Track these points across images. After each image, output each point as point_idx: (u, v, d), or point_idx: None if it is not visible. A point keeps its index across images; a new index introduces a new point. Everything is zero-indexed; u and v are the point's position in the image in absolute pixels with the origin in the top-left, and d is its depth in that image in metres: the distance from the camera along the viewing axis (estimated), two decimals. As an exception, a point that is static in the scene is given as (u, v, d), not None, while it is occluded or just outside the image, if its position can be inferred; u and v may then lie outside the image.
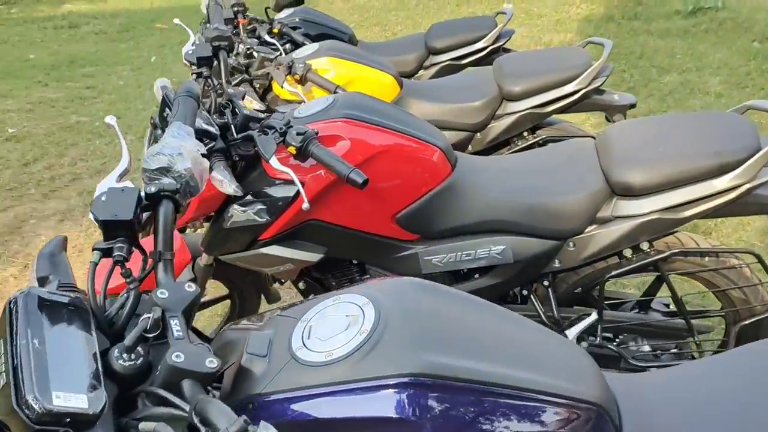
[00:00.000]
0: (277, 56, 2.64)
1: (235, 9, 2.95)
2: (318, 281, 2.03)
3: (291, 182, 1.71)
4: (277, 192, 1.78)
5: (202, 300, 2.33)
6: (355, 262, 1.99)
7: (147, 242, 1.02)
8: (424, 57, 3.65)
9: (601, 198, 1.82)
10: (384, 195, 1.83)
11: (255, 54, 2.71)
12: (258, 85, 2.74)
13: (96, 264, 0.91)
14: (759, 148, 1.72)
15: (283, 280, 2.15)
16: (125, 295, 0.92)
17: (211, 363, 0.83)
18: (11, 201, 4.13)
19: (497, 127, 2.79)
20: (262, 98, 2.83)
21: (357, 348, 0.88)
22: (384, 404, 0.84)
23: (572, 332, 1.92)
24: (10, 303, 0.83)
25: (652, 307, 2.05)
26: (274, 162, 1.67)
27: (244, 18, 2.97)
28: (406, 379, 0.84)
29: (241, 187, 1.75)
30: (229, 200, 1.82)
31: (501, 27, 3.58)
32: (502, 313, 1.04)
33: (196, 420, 0.76)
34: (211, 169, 1.71)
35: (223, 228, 1.84)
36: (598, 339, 1.92)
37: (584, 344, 1.94)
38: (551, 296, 1.95)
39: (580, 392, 0.93)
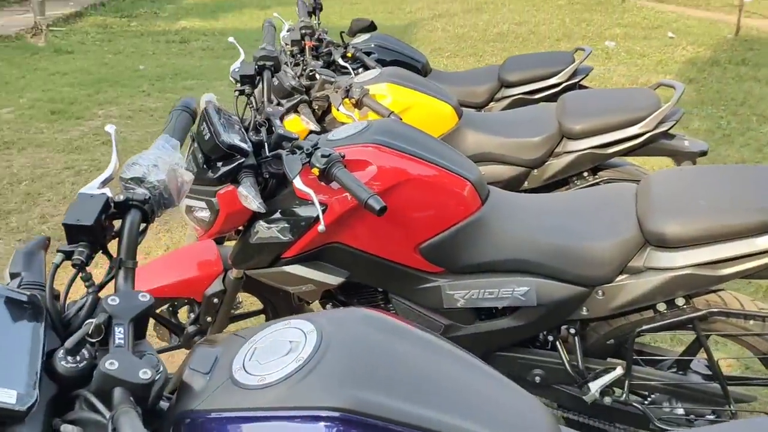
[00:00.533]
0: (338, 79, 2.67)
1: (303, 31, 3.02)
2: (343, 305, 2.02)
3: (322, 204, 1.72)
4: (301, 212, 1.79)
5: (237, 313, 2.36)
6: (380, 289, 1.97)
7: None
8: (496, 89, 3.60)
9: (634, 246, 1.75)
10: (408, 224, 1.80)
11: (317, 76, 2.76)
12: (317, 107, 2.79)
13: (57, 265, 0.93)
14: None
15: (308, 301, 2.15)
16: (85, 298, 0.94)
17: (145, 374, 0.83)
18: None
19: (555, 165, 2.70)
20: (321, 120, 2.87)
21: (289, 375, 0.86)
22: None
23: (595, 385, 1.84)
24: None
25: (691, 367, 1.92)
26: (297, 182, 1.69)
27: (311, 40, 3.03)
28: (331, 413, 0.81)
29: (266, 205, 1.77)
30: (257, 216, 1.85)
31: (578, 63, 3.49)
32: (456, 355, 0.99)
33: (109, 429, 0.76)
34: (238, 183, 1.74)
35: (249, 243, 1.87)
36: (624, 395, 1.83)
37: (608, 399, 1.85)
38: (578, 345, 1.87)
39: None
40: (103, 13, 13.23)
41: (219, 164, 1.78)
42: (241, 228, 1.93)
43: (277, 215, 1.82)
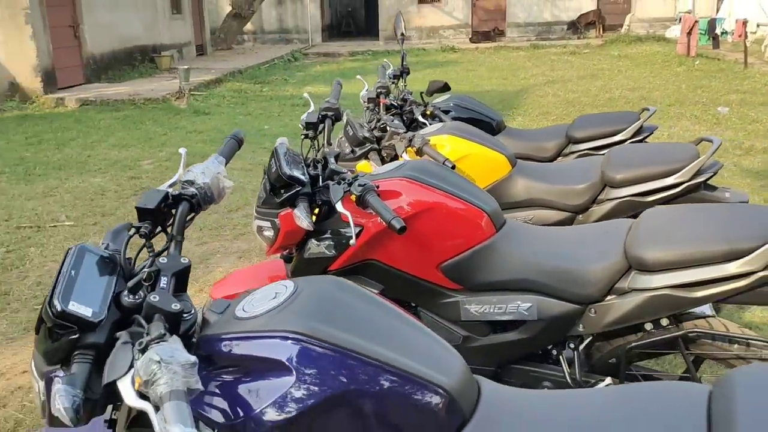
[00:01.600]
0: (404, 131, 3.07)
1: (378, 91, 3.47)
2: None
3: (356, 225, 2.10)
4: (343, 231, 2.17)
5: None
6: (413, 305, 2.30)
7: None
8: (564, 145, 3.86)
9: (619, 270, 1.98)
10: (431, 245, 2.14)
11: (388, 128, 3.17)
12: (386, 154, 3.18)
13: (130, 236, 1.36)
14: None
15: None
16: (148, 260, 1.36)
17: (175, 306, 1.22)
18: (209, 238, 5.00)
19: (597, 211, 2.92)
20: (389, 166, 3.27)
21: (269, 311, 1.23)
22: (273, 349, 1.17)
23: None
24: (68, 250, 1.30)
25: None
26: (338, 205, 2.08)
27: (385, 98, 3.47)
28: (292, 335, 1.17)
29: (317, 226, 2.17)
30: (310, 235, 2.25)
31: (642, 121, 3.69)
32: (397, 312, 1.31)
33: (145, 334, 1.16)
34: (287, 203, 2.16)
35: (303, 257, 2.27)
36: None
37: None
38: (577, 360, 2.07)
39: (435, 378, 1.17)
40: (239, 80, 14.60)
41: (281, 191, 2.20)
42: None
43: (326, 235, 2.21)
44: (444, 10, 24.70)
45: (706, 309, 2.10)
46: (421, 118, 3.68)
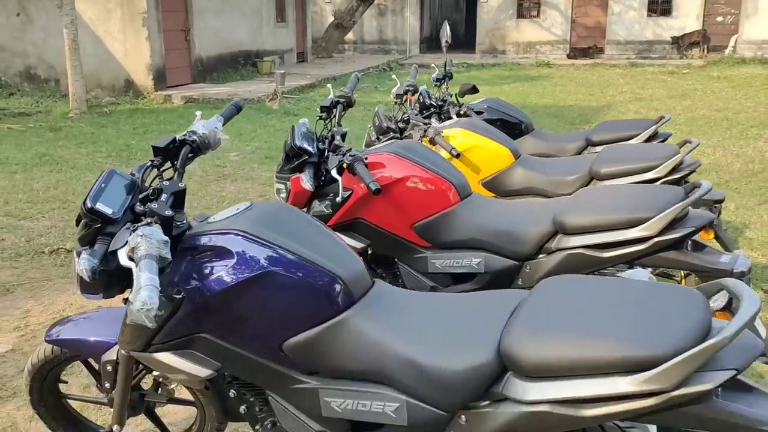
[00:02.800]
0: (422, 123, 3.53)
1: (407, 88, 3.95)
2: (371, 270, 2.84)
3: (347, 189, 2.60)
4: (337, 194, 2.67)
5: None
6: (395, 259, 2.76)
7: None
8: (583, 147, 4.18)
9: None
10: (406, 208, 2.60)
11: (411, 120, 3.64)
12: (406, 143, 3.65)
13: (146, 167, 1.90)
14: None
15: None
16: (158, 183, 1.90)
17: (168, 212, 1.75)
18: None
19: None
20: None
21: (227, 218, 1.74)
22: (224, 240, 1.68)
23: None
24: (102, 171, 1.87)
25: None
26: (333, 171, 2.58)
27: (412, 95, 3.94)
28: (238, 232, 1.68)
29: (321, 191, 2.68)
30: (314, 196, 2.76)
31: (656, 127, 3.97)
32: (324, 229, 1.79)
33: (139, 224, 1.69)
34: (297, 170, 2.67)
35: (310, 215, 2.78)
36: None
37: None
38: None
39: (335, 270, 1.65)
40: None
41: (294, 160, 2.73)
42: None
43: (326, 196, 2.72)
44: (542, 25, 24.77)
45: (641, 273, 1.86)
46: (455, 117, 4.13)
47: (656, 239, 2.18)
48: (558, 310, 1.51)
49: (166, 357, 1.78)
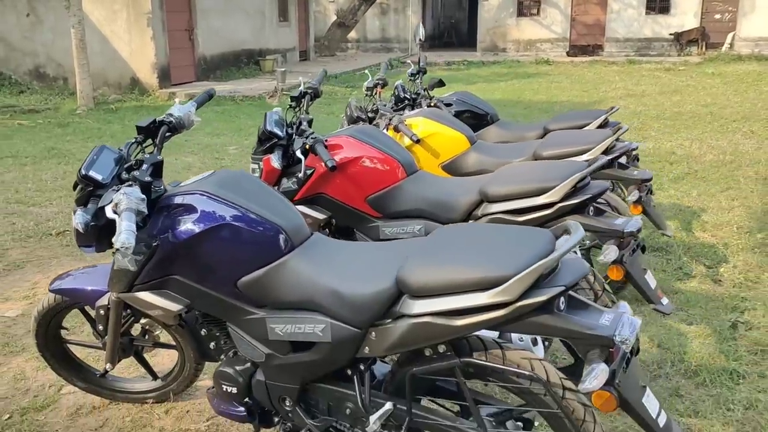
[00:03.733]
0: (389, 113, 3.93)
1: (377, 82, 4.35)
2: (333, 235, 3.24)
3: (310, 167, 3.01)
4: (305, 173, 3.07)
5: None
6: (354, 229, 3.16)
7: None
8: (541, 135, 4.57)
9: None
10: (360, 183, 3.00)
11: (380, 110, 4.04)
12: (373, 130, 4.05)
13: (131, 144, 2.30)
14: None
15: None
16: (140, 157, 2.31)
17: (147, 179, 2.15)
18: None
19: None
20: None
21: (195, 181, 2.15)
22: (190, 199, 2.08)
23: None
24: (94, 147, 2.27)
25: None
26: (297, 152, 2.99)
27: (382, 88, 4.34)
28: (202, 192, 2.09)
29: (289, 170, 3.08)
30: (282, 175, 3.16)
31: (606, 116, 4.35)
32: (273, 191, 2.19)
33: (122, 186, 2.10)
34: (269, 152, 3.08)
35: (279, 191, 3.19)
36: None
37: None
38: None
39: (278, 221, 2.05)
40: (332, 84, 15.79)
41: (266, 143, 3.14)
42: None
43: (293, 175, 3.12)
44: (542, 23, 25.09)
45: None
46: (438, 109, 4.52)
47: (559, 205, 2.57)
48: (441, 247, 1.90)
49: (145, 295, 2.19)
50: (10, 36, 14.57)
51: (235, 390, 2.23)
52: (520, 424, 1.98)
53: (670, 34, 23.02)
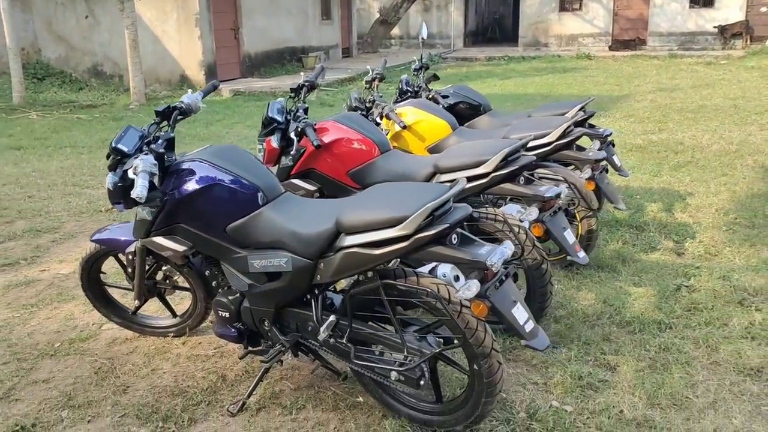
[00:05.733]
0: (383, 103, 4.53)
1: (375, 76, 4.94)
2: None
3: (302, 147, 3.64)
4: (298, 150, 3.70)
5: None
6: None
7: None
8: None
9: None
10: (342, 159, 3.61)
11: (376, 101, 4.64)
12: (371, 119, 4.64)
13: (151, 124, 2.95)
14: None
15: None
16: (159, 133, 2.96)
17: (161, 150, 2.81)
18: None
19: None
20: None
21: (196, 152, 2.80)
22: (191, 165, 2.72)
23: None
24: (122, 127, 2.94)
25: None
26: (291, 134, 3.62)
27: (380, 81, 4.93)
28: (201, 160, 2.73)
29: (288, 150, 3.72)
30: (282, 153, 3.79)
31: (584, 104, 4.84)
32: (256, 161, 2.82)
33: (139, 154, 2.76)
34: (271, 134, 3.72)
35: (278, 167, 3.82)
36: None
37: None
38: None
39: (256, 182, 2.67)
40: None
41: (267, 126, 3.78)
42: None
43: (289, 154, 3.76)
44: (585, 18, 25.19)
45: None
46: (425, 99, 5.10)
47: (492, 174, 3.14)
48: (367, 198, 2.51)
49: (159, 239, 2.85)
50: (71, 37, 15.68)
51: (227, 315, 2.88)
52: (440, 341, 2.57)
53: (714, 27, 22.88)
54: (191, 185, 2.70)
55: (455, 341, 2.44)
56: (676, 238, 4.86)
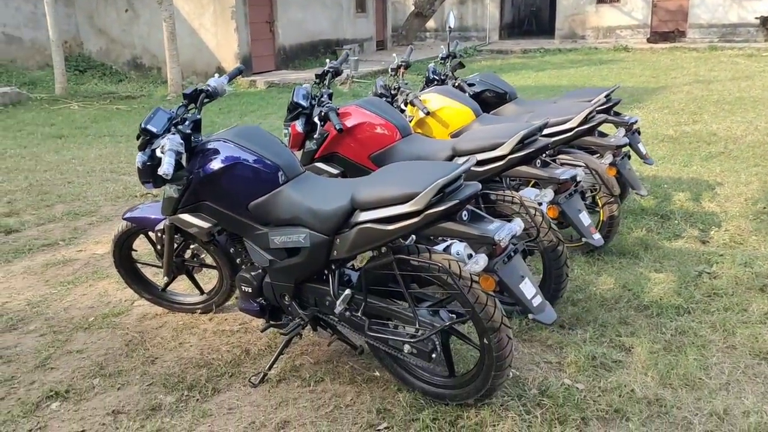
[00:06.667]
0: (408, 90, 4.60)
1: (400, 64, 5.01)
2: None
3: (326, 131, 3.74)
4: (321, 134, 3.80)
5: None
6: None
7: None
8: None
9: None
10: (365, 143, 3.70)
11: (400, 88, 4.71)
12: (396, 105, 4.71)
13: (180, 106, 3.07)
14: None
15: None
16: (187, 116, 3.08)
17: (188, 130, 2.93)
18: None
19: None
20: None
21: (221, 132, 2.91)
22: (216, 144, 2.83)
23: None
24: (151, 109, 3.07)
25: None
26: (315, 118, 3.72)
27: (405, 69, 5.00)
28: (226, 139, 2.84)
29: (307, 130, 3.82)
30: (306, 137, 3.90)
31: (610, 91, 4.85)
32: (273, 138, 2.92)
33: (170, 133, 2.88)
34: (296, 119, 3.82)
35: (304, 151, 3.93)
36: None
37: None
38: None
39: (277, 161, 2.77)
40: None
41: (292, 111, 3.88)
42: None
43: (314, 138, 3.86)
44: (623, 10, 24.83)
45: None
46: (449, 86, 5.16)
47: (509, 157, 3.19)
48: (381, 176, 2.60)
49: (185, 216, 2.98)
50: (111, 30, 16.07)
51: (250, 290, 3.00)
52: (453, 316, 2.65)
53: (756, 19, 22.36)
54: (215, 164, 2.82)
55: (466, 315, 2.51)
56: (701, 226, 4.85)
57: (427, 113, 4.35)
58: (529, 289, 2.47)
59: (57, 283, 4.20)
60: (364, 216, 2.48)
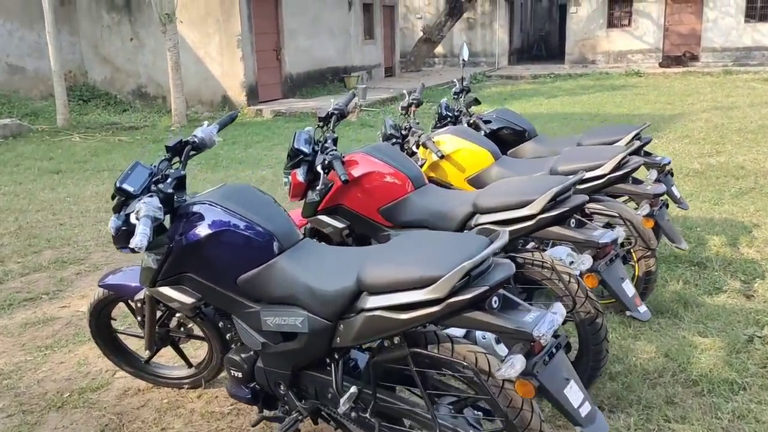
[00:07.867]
0: (420, 132, 4.21)
1: (411, 101, 4.62)
2: (353, 243, 3.54)
3: (330, 181, 3.34)
4: (325, 185, 3.40)
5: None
6: (370, 238, 3.46)
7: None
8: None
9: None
10: (373, 195, 3.30)
11: (411, 128, 4.32)
12: (406, 149, 4.32)
13: (162, 160, 2.70)
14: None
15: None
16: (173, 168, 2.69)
17: (169, 191, 2.54)
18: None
19: None
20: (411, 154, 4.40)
21: (205, 193, 2.52)
22: (200, 208, 2.43)
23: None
24: (130, 163, 2.69)
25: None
26: (318, 167, 3.33)
27: (416, 107, 4.61)
28: (211, 202, 2.44)
29: (309, 180, 3.42)
30: (308, 187, 3.50)
31: (639, 131, 4.44)
32: (269, 199, 2.52)
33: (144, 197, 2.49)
34: (297, 167, 3.43)
35: (305, 202, 3.53)
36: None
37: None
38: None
39: (271, 228, 2.38)
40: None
41: (293, 158, 3.49)
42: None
43: (316, 188, 3.46)
44: (634, 34, 24.56)
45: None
46: (465, 126, 4.77)
47: (539, 216, 2.77)
48: (393, 251, 2.18)
49: (165, 289, 2.57)
50: (116, 59, 15.85)
51: (240, 375, 2.58)
52: (479, 413, 2.22)
53: (772, 43, 22.03)
54: (200, 230, 2.42)
55: (497, 421, 2.08)
56: (743, 277, 4.40)
57: (441, 156, 3.96)
58: (575, 395, 2.03)
59: (34, 348, 3.79)
60: (372, 301, 2.06)
